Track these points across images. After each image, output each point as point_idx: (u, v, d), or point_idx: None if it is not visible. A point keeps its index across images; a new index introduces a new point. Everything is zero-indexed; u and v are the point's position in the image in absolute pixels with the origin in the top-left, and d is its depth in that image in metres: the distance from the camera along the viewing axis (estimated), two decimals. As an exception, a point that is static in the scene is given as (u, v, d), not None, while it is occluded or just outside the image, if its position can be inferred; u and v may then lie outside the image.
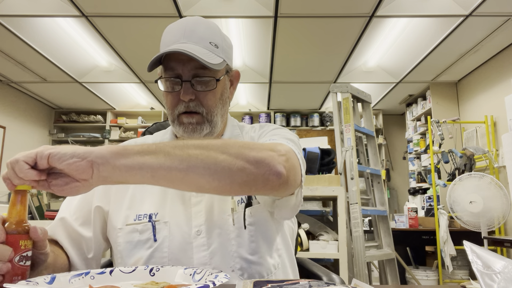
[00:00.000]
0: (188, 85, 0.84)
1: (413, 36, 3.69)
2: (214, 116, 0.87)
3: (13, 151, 5.15)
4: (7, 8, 3.15)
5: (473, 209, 3.09)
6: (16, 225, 0.62)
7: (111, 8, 3.18)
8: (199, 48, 0.82)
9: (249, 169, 0.64)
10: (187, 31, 0.85)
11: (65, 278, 0.64)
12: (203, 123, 0.86)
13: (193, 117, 0.86)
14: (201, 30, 0.85)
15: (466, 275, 3.79)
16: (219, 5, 3.19)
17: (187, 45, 0.82)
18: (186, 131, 0.86)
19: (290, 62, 4.33)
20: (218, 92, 0.88)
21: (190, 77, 0.84)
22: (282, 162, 0.67)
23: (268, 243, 0.86)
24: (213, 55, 0.84)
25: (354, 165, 2.64)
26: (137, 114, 6.26)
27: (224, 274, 0.62)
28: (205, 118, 0.86)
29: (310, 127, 6.20)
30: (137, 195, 0.88)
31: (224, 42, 0.89)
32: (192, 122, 0.86)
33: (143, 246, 0.83)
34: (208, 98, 0.86)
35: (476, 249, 0.56)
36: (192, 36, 0.84)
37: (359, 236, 2.50)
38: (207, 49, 0.84)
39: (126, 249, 0.84)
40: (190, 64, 0.83)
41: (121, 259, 0.85)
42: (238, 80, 0.97)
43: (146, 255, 0.82)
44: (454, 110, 4.93)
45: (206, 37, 0.85)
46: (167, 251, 0.82)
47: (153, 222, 0.84)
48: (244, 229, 0.83)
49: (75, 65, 4.40)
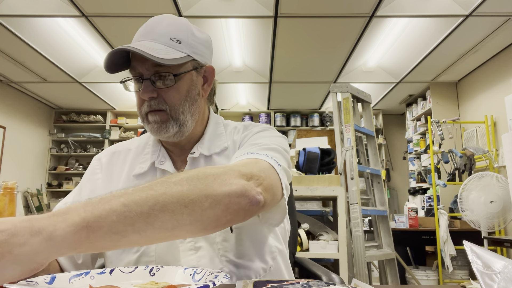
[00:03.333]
0: (147, 83, 0.81)
1: (413, 36, 3.69)
2: (180, 114, 0.84)
3: (13, 151, 5.16)
4: (7, 8, 3.15)
5: (493, 209, 3.08)
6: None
7: (111, 8, 3.18)
8: (155, 44, 0.79)
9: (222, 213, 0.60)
10: (147, 28, 0.83)
11: (65, 278, 0.64)
12: (168, 121, 0.83)
13: (157, 115, 0.83)
14: (162, 27, 0.83)
15: (466, 275, 3.79)
16: (219, 5, 3.19)
17: (143, 42, 0.80)
18: (152, 130, 0.84)
19: (290, 62, 4.33)
20: (183, 89, 0.84)
21: (149, 75, 0.81)
22: (260, 191, 0.64)
23: (257, 246, 0.84)
24: (172, 50, 0.80)
25: (354, 165, 2.64)
26: (137, 114, 6.20)
27: (224, 274, 0.62)
28: (169, 115, 0.83)
29: (310, 127, 6.20)
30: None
31: (191, 37, 0.84)
32: (157, 121, 0.83)
33: (130, 251, 0.83)
34: (171, 95, 0.82)
35: (476, 249, 0.56)
36: (150, 33, 0.82)
37: (359, 236, 2.50)
38: (166, 44, 0.80)
39: (115, 254, 0.85)
40: (148, 62, 0.80)
41: (110, 264, 0.85)
42: (213, 76, 0.91)
43: (133, 260, 0.82)
44: (454, 110, 4.93)
45: (166, 33, 0.82)
46: (154, 255, 0.82)
47: None
48: (231, 233, 0.82)
49: (75, 65, 4.40)
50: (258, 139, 0.85)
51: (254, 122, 1.09)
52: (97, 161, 0.95)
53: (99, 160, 0.95)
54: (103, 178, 0.92)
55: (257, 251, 0.84)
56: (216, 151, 0.90)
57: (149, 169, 0.89)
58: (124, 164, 0.92)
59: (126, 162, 0.93)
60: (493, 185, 3.11)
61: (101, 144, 6.20)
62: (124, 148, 0.96)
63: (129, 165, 0.92)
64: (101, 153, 0.97)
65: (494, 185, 3.11)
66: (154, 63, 0.78)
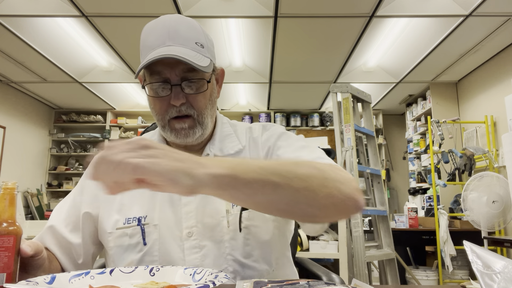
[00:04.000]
0: (178, 89, 0.80)
1: (413, 36, 3.68)
2: (205, 118, 0.85)
3: (13, 151, 5.16)
4: (7, 8, 3.15)
5: (495, 209, 3.08)
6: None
7: (111, 8, 3.18)
8: (187, 50, 0.79)
9: (343, 203, 0.66)
10: (171, 31, 0.80)
11: (65, 278, 0.64)
12: (195, 127, 0.84)
13: (185, 121, 0.83)
14: (185, 30, 0.82)
15: (466, 275, 3.79)
16: (219, 5, 3.19)
17: (174, 48, 0.78)
18: (178, 136, 0.84)
19: (290, 62, 4.32)
20: (208, 94, 0.85)
21: (179, 81, 0.80)
22: (363, 199, 0.70)
23: (264, 248, 0.84)
24: (201, 57, 0.80)
25: (354, 165, 2.63)
26: (137, 114, 6.26)
27: (224, 274, 0.62)
28: (196, 120, 0.84)
29: (310, 127, 6.20)
30: (126, 198, 0.86)
31: (207, 41, 0.86)
32: (185, 127, 0.83)
33: (133, 250, 0.83)
34: (199, 100, 0.83)
35: (476, 249, 0.56)
36: (176, 37, 0.80)
37: (359, 236, 2.50)
38: (195, 50, 0.80)
39: (117, 253, 0.84)
40: (178, 67, 0.79)
41: (113, 263, 0.85)
42: (223, 78, 0.94)
43: (136, 259, 0.82)
44: (454, 110, 4.93)
45: (191, 37, 0.81)
46: (158, 254, 0.81)
47: (142, 226, 0.83)
48: (239, 232, 0.82)
49: (75, 65, 4.40)
50: (301, 144, 0.87)
51: (261, 122, 1.10)
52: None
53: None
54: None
55: (263, 252, 0.84)
56: (230, 152, 0.91)
57: None
58: None
59: None
60: (494, 185, 3.12)
61: (101, 144, 6.19)
62: None
63: None
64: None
65: (495, 185, 3.12)
66: (184, 69, 0.79)
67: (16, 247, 0.63)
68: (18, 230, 0.64)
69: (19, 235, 0.64)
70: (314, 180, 0.63)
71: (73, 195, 0.93)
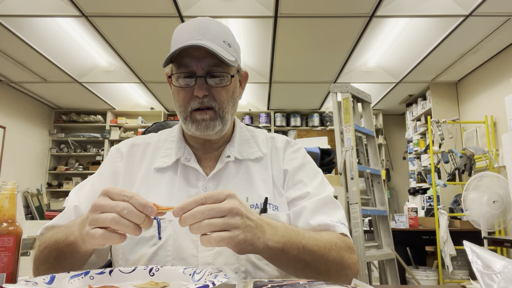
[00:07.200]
0: (202, 81, 0.84)
1: (413, 36, 3.69)
2: (226, 113, 0.88)
3: (13, 151, 5.16)
4: (7, 8, 3.15)
5: (496, 209, 3.08)
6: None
7: (111, 8, 3.18)
8: (215, 45, 0.83)
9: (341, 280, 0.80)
10: (201, 28, 0.85)
11: (64, 278, 0.64)
12: (215, 119, 0.86)
13: (206, 113, 0.86)
14: (214, 29, 0.86)
15: (466, 275, 3.79)
16: (219, 5, 3.19)
17: (204, 41, 0.82)
18: (199, 128, 0.86)
19: (290, 62, 4.33)
20: (231, 90, 0.88)
21: (204, 73, 0.84)
22: (358, 268, 0.84)
23: None
24: (227, 53, 0.84)
25: (354, 165, 2.63)
26: (137, 114, 6.26)
27: (224, 274, 0.62)
28: (217, 113, 0.86)
29: (310, 127, 6.20)
30: (143, 192, 0.87)
31: (235, 43, 0.90)
32: (206, 119, 0.86)
33: (146, 243, 0.83)
34: (221, 94, 0.86)
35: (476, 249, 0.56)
36: (206, 33, 0.84)
37: (359, 236, 2.50)
38: (222, 47, 0.84)
39: (129, 245, 0.83)
40: (205, 60, 0.83)
41: (122, 255, 0.84)
42: (246, 81, 0.98)
43: (150, 253, 0.82)
44: (454, 110, 4.93)
45: (220, 35, 0.86)
46: (171, 250, 0.82)
47: (158, 220, 0.84)
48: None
49: (75, 65, 4.40)
50: (319, 180, 0.94)
51: (255, 123, 1.12)
52: (116, 150, 0.96)
53: (118, 150, 0.96)
54: (124, 166, 0.93)
55: None
56: (250, 157, 0.94)
57: (172, 165, 0.91)
58: (144, 157, 0.94)
59: (145, 155, 0.95)
60: (494, 185, 3.12)
61: (101, 144, 6.20)
62: (143, 142, 0.98)
63: (148, 158, 0.94)
64: (119, 144, 0.98)
65: (495, 185, 3.11)
66: (210, 62, 0.83)
67: (16, 247, 0.63)
68: (18, 230, 0.64)
69: (19, 235, 0.64)
70: (333, 267, 0.77)
71: (91, 182, 0.93)
